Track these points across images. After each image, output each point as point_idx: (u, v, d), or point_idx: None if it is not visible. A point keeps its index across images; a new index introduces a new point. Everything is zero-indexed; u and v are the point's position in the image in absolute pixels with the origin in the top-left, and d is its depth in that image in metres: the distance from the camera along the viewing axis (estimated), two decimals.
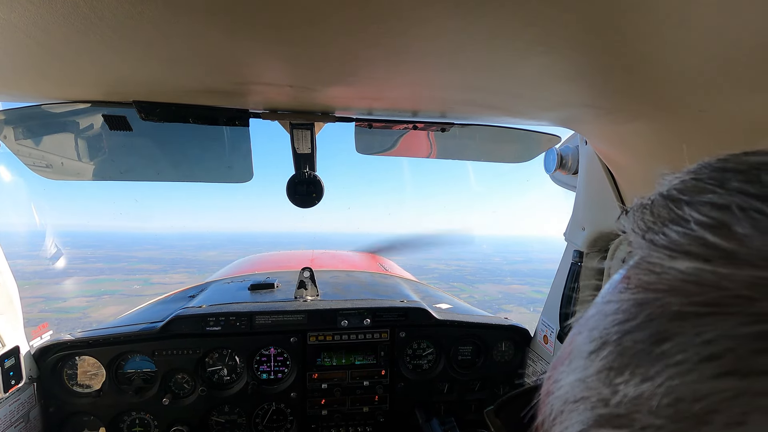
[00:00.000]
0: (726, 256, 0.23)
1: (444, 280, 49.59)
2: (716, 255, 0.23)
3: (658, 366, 0.22)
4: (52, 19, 0.59)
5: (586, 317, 0.30)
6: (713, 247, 0.23)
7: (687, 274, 0.24)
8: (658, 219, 0.28)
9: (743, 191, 0.25)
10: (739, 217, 0.24)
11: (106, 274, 57.87)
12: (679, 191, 0.28)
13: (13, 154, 1.27)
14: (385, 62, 0.76)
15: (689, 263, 0.24)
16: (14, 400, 1.35)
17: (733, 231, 0.23)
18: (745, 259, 0.22)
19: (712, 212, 0.25)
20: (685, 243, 0.25)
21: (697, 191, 0.27)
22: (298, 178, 1.33)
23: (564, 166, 1.49)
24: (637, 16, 0.54)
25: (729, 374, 0.19)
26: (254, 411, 1.68)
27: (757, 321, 0.20)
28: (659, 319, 0.23)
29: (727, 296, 0.21)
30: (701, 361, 0.20)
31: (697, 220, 0.25)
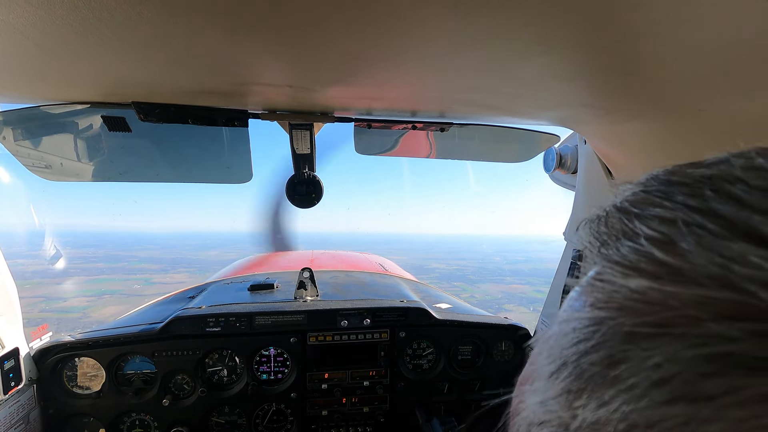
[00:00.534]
0: (673, 273, 0.22)
1: (445, 280, 49.62)
2: (664, 272, 0.23)
3: (613, 390, 0.21)
4: (51, 21, 0.59)
5: (546, 336, 0.29)
6: (661, 264, 0.23)
7: (637, 292, 0.23)
8: (612, 232, 0.28)
9: (687, 205, 0.24)
10: (684, 232, 0.23)
11: (106, 274, 57.93)
12: (630, 203, 0.28)
13: (13, 156, 1.27)
14: (385, 62, 0.76)
15: (639, 281, 0.23)
16: (14, 401, 1.35)
17: (678, 247, 0.23)
18: (691, 276, 0.21)
19: (660, 227, 0.25)
20: (635, 259, 0.24)
21: (646, 204, 0.27)
22: (297, 179, 1.33)
23: (563, 166, 1.49)
24: (636, 16, 0.54)
25: (678, 400, 0.19)
26: (254, 411, 1.68)
27: (703, 343, 0.19)
28: (612, 340, 0.23)
29: (675, 316, 0.21)
30: (651, 386, 0.20)
31: (646, 235, 0.25)
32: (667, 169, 0.29)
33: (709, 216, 0.23)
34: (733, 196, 0.23)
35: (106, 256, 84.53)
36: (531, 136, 1.48)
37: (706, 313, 0.20)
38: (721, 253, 0.21)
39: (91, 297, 37.76)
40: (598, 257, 0.27)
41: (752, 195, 0.22)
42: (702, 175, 0.26)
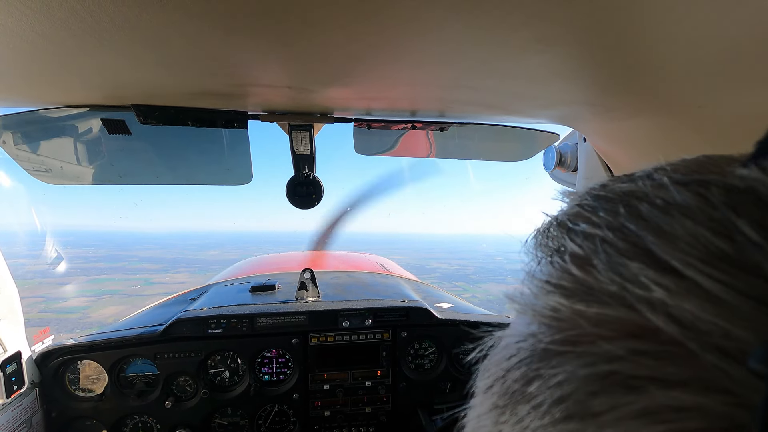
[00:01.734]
0: (584, 291, 0.22)
1: (446, 280, 49.60)
2: (578, 290, 0.23)
3: (527, 407, 0.22)
4: (50, 24, 0.59)
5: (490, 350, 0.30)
6: (576, 282, 0.23)
7: (553, 309, 0.23)
8: (550, 245, 0.28)
9: (606, 222, 0.24)
10: (598, 250, 0.23)
11: (106, 274, 57.87)
12: (567, 217, 0.28)
13: (13, 159, 1.26)
14: (383, 62, 0.76)
15: (556, 298, 0.24)
16: (17, 405, 1.35)
17: (592, 264, 0.23)
18: (597, 295, 0.22)
19: (583, 243, 0.25)
20: (557, 276, 0.25)
21: (577, 218, 0.27)
22: (297, 180, 1.33)
23: (563, 164, 1.49)
24: (635, 13, 0.54)
25: (571, 417, 0.19)
26: (257, 413, 1.68)
27: (594, 362, 0.20)
28: (530, 357, 0.23)
29: (579, 335, 0.21)
30: (553, 403, 0.20)
31: (570, 251, 0.25)
32: (602, 182, 0.29)
33: (618, 233, 0.23)
34: (639, 214, 0.23)
35: (107, 255, 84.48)
36: (530, 135, 1.48)
37: (603, 332, 0.20)
38: (621, 272, 0.21)
39: (91, 297, 37.69)
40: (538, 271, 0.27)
41: (652, 213, 0.22)
42: (622, 191, 0.26)
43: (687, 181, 0.23)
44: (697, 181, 0.23)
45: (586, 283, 0.23)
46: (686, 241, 0.20)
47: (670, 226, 0.21)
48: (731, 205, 0.20)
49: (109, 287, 45.19)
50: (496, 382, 0.25)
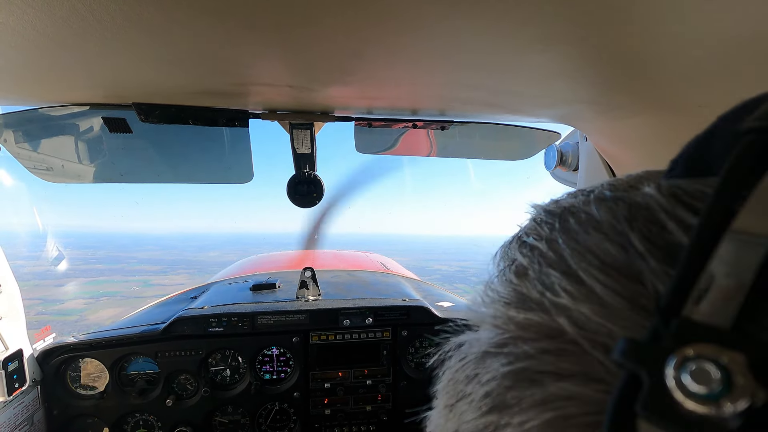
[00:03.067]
0: (519, 299, 0.25)
1: (447, 282, 49.53)
2: (514, 298, 0.25)
3: (464, 403, 0.24)
4: (51, 23, 0.59)
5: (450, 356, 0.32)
6: (514, 291, 0.25)
7: (494, 317, 0.25)
8: (507, 257, 0.30)
9: (545, 235, 0.27)
10: (533, 260, 0.26)
11: (105, 275, 57.67)
12: (523, 230, 0.30)
13: (14, 158, 1.27)
14: (384, 61, 0.76)
15: (499, 306, 0.26)
16: (18, 403, 1.35)
17: (527, 274, 0.25)
18: (526, 302, 0.24)
19: (527, 254, 0.27)
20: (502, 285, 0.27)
21: (529, 232, 0.29)
22: (298, 178, 1.33)
23: (564, 163, 1.49)
24: (636, 12, 0.54)
25: (492, 410, 0.22)
26: (257, 411, 1.68)
27: (512, 361, 0.22)
28: (473, 360, 0.25)
29: (509, 338, 0.23)
30: (480, 398, 0.23)
31: (516, 262, 0.27)
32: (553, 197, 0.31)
33: (551, 245, 0.25)
34: (567, 228, 0.25)
35: (106, 257, 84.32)
36: (532, 134, 1.48)
37: (526, 334, 0.22)
38: (544, 281, 0.23)
39: (89, 299, 37.52)
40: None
41: (576, 227, 0.25)
42: (563, 206, 0.28)
43: (607, 198, 0.25)
44: (613, 198, 0.25)
45: (520, 291, 0.25)
46: (593, 252, 0.22)
47: (584, 238, 0.23)
48: (629, 219, 0.22)
49: (108, 289, 45.05)
50: (449, 382, 0.28)
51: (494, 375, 0.23)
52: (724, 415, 0.13)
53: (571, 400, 0.19)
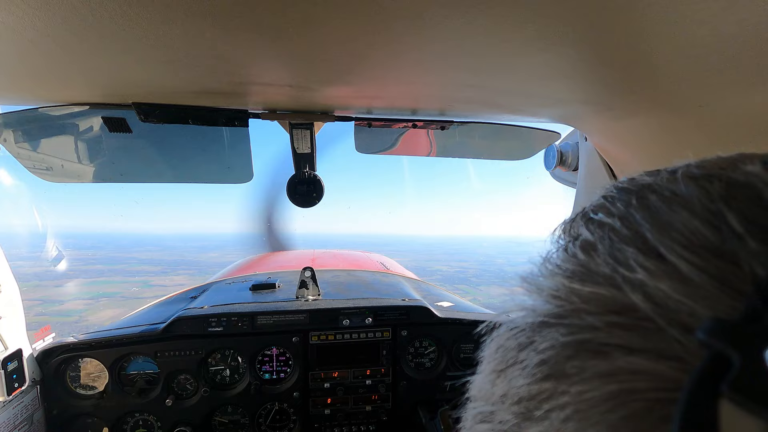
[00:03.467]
0: (584, 273, 0.24)
1: (448, 282, 49.43)
2: (578, 272, 0.25)
3: (516, 369, 0.25)
4: (51, 22, 0.59)
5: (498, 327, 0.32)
6: (579, 264, 0.25)
7: (554, 288, 0.25)
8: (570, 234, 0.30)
9: (618, 212, 0.26)
10: (604, 236, 0.25)
11: (105, 276, 57.54)
12: (591, 208, 0.30)
13: (14, 157, 1.27)
14: (384, 61, 0.76)
15: (560, 279, 0.26)
16: (18, 402, 1.35)
17: (596, 249, 0.25)
18: (593, 275, 0.24)
19: (596, 230, 0.27)
20: (564, 259, 0.27)
21: (598, 209, 0.29)
22: (298, 178, 1.33)
23: (564, 163, 1.49)
24: (636, 12, 0.54)
25: (549, 377, 0.22)
26: (257, 411, 1.68)
27: (574, 332, 0.22)
28: (528, 328, 0.26)
29: (572, 309, 0.23)
30: (536, 365, 0.23)
31: (583, 238, 0.27)
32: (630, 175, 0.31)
33: (625, 222, 0.25)
34: (647, 204, 0.25)
35: (106, 257, 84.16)
36: (531, 134, 1.48)
37: (592, 307, 0.22)
38: (616, 256, 0.23)
39: (88, 300, 37.37)
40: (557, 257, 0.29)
41: (657, 204, 0.24)
42: (641, 184, 0.28)
43: (697, 175, 0.24)
44: (705, 176, 0.24)
45: (587, 265, 0.24)
46: (677, 229, 0.22)
47: (668, 215, 0.23)
48: (726, 198, 0.21)
49: (108, 290, 44.91)
50: (498, 349, 0.28)
51: (552, 344, 0.23)
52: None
53: (639, 374, 0.19)
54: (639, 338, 0.19)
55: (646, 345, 0.19)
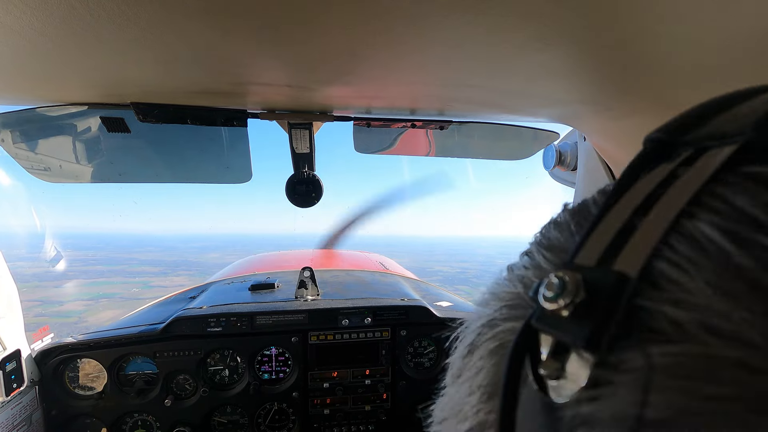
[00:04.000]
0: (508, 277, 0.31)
1: (449, 283, 49.35)
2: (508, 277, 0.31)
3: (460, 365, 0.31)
4: (49, 22, 0.59)
5: None
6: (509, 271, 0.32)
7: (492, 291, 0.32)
8: None
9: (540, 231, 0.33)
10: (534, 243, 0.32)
11: (105, 277, 57.32)
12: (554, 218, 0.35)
13: (11, 157, 1.26)
14: (383, 60, 0.76)
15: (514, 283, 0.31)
16: (16, 403, 1.35)
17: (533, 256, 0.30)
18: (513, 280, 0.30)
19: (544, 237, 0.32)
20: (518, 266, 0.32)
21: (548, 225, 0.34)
22: (297, 178, 1.33)
23: (563, 163, 1.49)
24: (636, 12, 0.54)
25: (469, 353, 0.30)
26: (256, 411, 1.68)
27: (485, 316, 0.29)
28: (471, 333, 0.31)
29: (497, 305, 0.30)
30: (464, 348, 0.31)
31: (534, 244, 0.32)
32: None
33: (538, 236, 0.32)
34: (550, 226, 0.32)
35: (106, 258, 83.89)
36: (530, 134, 1.48)
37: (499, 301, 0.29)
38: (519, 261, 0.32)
39: (88, 301, 37.20)
40: None
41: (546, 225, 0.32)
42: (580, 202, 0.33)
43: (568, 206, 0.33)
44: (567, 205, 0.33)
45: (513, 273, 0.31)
46: (548, 238, 0.30)
47: (551, 233, 0.30)
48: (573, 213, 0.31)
49: (108, 290, 44.75)
50: (460, 353, 0.33)
51: (473, 328, 0.31)
52: (560, 307, 0.20)
53: (511, 332, 0.26)
54: (516, 310, 0.27)
55: (518, 314, 0.27)
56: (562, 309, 0.20)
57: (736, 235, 0.18)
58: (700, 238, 0.19)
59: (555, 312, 0.20)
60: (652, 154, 0.26)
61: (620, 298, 0.19)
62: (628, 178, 0.25)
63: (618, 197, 0.23)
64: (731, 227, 0.18)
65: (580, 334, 0.19)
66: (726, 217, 0.19)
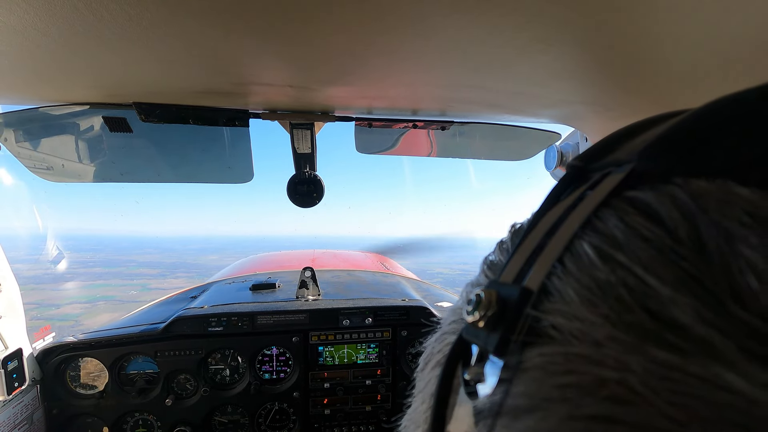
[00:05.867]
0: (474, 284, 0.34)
1: (449, 285, 49.16)
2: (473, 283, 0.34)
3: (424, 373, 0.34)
4: (52, 22, 0.60)
5: None
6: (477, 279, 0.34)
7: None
8: None
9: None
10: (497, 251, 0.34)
11: (103, 279, 57.11)
12: None
13: (14, 157, 1.27)
14: (384, 61, 0.76)
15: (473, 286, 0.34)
16: (18, 402, 1.35)
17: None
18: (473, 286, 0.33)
19: None
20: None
21: None
22: (298, 178, 1.33)
23: (564, 164, 1.49)
24: (637, 13, 0.55)
25: (425, 366, 0.34)
26: (257, 411, 1.68)
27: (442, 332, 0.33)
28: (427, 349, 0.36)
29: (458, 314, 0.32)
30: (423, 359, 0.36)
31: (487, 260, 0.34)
32: None
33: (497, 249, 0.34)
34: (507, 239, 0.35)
35: (105, 260, 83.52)
36: (532, 134, 1.48)
37: (455, 315, 0.33)
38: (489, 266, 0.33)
39: (85, 303, 36.92)
40: None
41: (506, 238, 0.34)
42: None
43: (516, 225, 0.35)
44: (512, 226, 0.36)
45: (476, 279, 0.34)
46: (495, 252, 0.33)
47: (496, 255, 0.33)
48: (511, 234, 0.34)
49: (106, 293, 44.50)
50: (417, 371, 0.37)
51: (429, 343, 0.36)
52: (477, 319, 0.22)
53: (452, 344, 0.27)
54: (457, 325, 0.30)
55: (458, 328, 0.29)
56: (479, 321, 0.22)
57: (602, 252, 0.21)
58: (582, 255, 0.21)
59: (474, 323, 0.23)
60: (570, 178, 0.28)
61: (522, 310, 0.21)
62: (548, 202, 0.27)
63: (537, 220, 0.26)
64: (601, 245, 0.21)
65: (491, 341, 0.21)
66: (600, 236, 0.21)
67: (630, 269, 0.19)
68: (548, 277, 0.22)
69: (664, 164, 0.22)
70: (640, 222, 0.20)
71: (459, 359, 0.25)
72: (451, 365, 0.25)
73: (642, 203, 0.21)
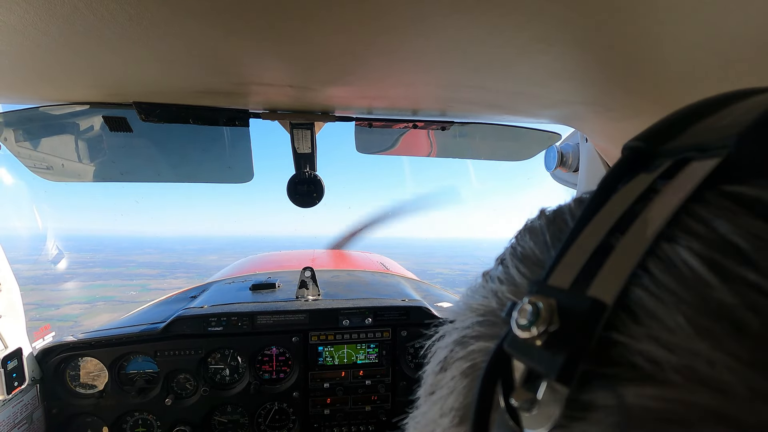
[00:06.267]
0: (480, 289, 0.30)
1: (450, 286, 49.21)
2: (478, 289, 0.31)
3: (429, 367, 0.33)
4: (52, 21, 0.60)
5: None
6: (481, 285, 0.31)
7: (466, 302, 0.31)
8: None
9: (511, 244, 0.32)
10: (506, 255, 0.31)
11: (103, 279, 57.04)
12: None
13: (14, 156, 1.27)
14: (384, 61, 0.76)
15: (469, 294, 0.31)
16: (17, 401, 1.35)
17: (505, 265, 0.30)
18: (482, 291, 0.29)
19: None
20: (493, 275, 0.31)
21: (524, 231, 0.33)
22: (298, 178, 1.33)
23: (564, 164, 1.49)
24: (638, 13, 0.55)
25: (441, 370, 0.30)
26: (257, 411, 1.68)
27: (458, 332, 0.29)
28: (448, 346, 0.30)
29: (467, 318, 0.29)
30: (437, 363, 0.31)
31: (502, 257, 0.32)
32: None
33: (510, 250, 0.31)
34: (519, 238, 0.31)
35: (105, 260, 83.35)
36: (532, 135, 1.48)
37: (472, 314, 0.28)
38: (493, 273, 0.30)
39: (84, 304, 36.84)
40: None
41: (520, 235, 0.31)
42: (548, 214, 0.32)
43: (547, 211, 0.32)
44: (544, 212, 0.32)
45: (484, 285, 0.30)
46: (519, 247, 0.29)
47: (525, 242, 0.29)
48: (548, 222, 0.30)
49: (105, 293, 44.44)
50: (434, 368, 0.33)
51: (446, 343, 0.30)
52: (534, 336, 0.19)
53: (483, 353, 0.25)
54: (488, 328, 0.26)
55: (491, 332, 0.25)
56: (536, 338, 0.19)
57: (717, 266, 0.16)
58: (680, 264, 0.17)
59: (528, 341, 0.19)
60: (630, 163, 0.24)
61: (594, 329, 0.17)
62: (604, 189, 0.23)
63: (594, 211, 0.21)
64: (712, 256, 0.17)
65: (553, 365, 0.17)
66: (706, 243, 0.17)
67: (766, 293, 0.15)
68: (627, 288, 0.18)
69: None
70: (764, 228, 0.16)
71: (499, 377, 0.21)
72: (491, 381, 0.21)
73: (759, 203, 0.17)
